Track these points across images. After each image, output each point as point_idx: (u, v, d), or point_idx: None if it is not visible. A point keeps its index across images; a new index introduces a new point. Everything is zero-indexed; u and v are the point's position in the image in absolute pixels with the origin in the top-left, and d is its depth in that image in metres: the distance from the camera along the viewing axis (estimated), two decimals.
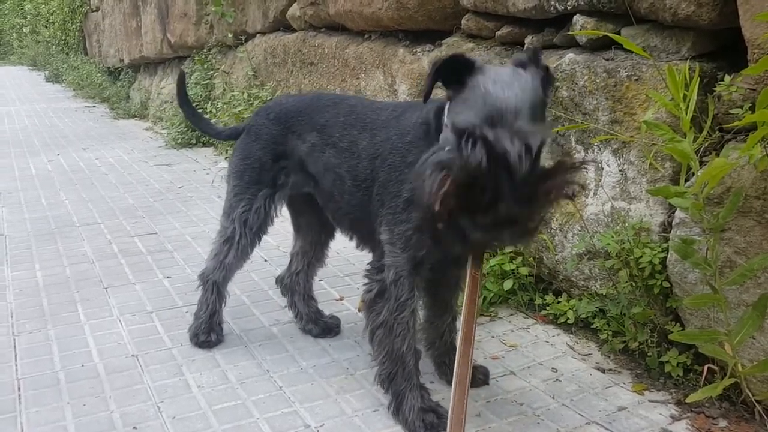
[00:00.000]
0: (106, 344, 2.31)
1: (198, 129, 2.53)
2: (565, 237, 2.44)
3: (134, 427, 1.84)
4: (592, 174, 2.33)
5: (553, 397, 1.98)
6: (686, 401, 1.87)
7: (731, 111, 1.86)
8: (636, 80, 2.15)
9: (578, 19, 2.36)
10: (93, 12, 11.41)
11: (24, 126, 7.77)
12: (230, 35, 5.72)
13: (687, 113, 1.70)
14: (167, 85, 7.84)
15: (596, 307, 2.29)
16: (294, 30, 4.88)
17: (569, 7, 2.38)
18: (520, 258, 2.58)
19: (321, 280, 2.82)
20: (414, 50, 3.49)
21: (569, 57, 2.37)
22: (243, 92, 5.28)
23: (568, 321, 2.38)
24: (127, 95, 9.43)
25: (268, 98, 4.85)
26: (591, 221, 2.34)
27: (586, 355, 2.23)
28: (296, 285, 2.40)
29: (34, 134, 7.13)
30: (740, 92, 1.83)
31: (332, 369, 2.14)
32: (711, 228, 1.73)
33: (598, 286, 2.32)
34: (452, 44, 3.07)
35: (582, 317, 2.34)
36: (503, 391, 2.00)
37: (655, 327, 2.09)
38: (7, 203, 4.24)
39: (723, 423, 1.83)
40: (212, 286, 2.25)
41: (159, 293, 2.77)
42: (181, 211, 4.01)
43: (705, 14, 1.95)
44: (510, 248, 2.51)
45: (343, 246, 2.94)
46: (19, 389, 2.03)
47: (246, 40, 5.61)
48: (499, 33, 2.80)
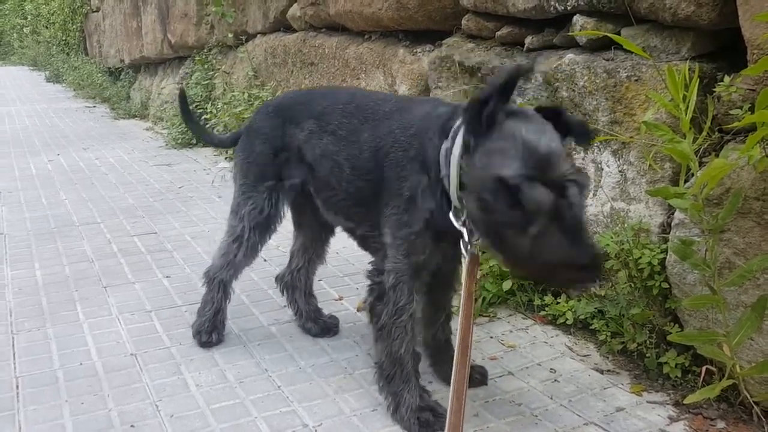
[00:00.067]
0: (105, 343, 2.32)
1: (204, 141, 2.57)
2: None
3: (132, 426, 1.83)
4: (592, 175, 2.33)
5: (552, 398, 1.98)
6: (684, 402, 1.86)
7: (731, 112, 1.86)
8: (636, 81, 2.15)
9: (578, 20, 2.36)
10: (93, 12, 11.42)
11: (24, 126, 7.78)
12: (231, 35, 5.73)
13: (686, 114, 1.69)
14: (168, 86, 7.84)
15: (595, 308, 2.29)
16: (294, 30, 4.88)
17: (569, 8, 2.39)
18: None
19: (320, 280, 2.82)
20: (414, 50, 3.49)
21: (569, 57, 2.37)
22: (243, 92, 5.28)
23: (567, 322, 2.38)
24: (128, 95, 9.43)
25: (269, 98, 4.85)
26: (590, 222, 2.34)
27: (585, 356, 2.23)
28: (297, 282, 2.39)
29: (35, 134, 7.13)
30: (740, 93, 1.83)
31: (331, 368, 2.14)
32: (710, 229, 1.73)
33: (597, 287, 2.32)
34: (452, 44, 3.07)
35: (581, 318, 2.34)
36: (501, 392, 2.00)
37: (654, 328, 2.09)
38: (7, 202, 4.24)
39: (721, 424, 1.82)
40: (219, 285, 2.25)
41: (158, 292, 2.77)
42: (181, 211, 4.01)
43: (705, 14, 1.95)
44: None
45: (343, 246, 2.95)
46: (18, 387, 2.03)
47: (246, 41, 5.62)
48: (499, 33, 2.80)
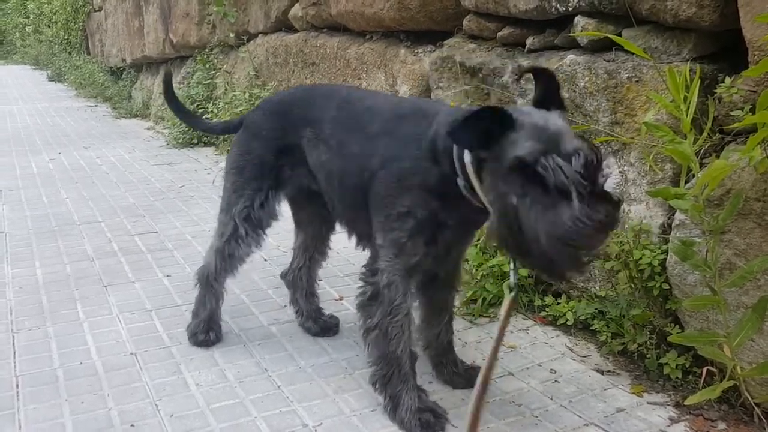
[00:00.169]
0: (105, 342, 2.32)
1: (188, 125, 2.51)
2: None
3: (132, 425, 1.83)
4: None
5: (552, 399, 1.97)
6: (685, 403, 1.86)
7: (732, 113, 1.86)
8: (637, 82, 2.15)
9: (579, 21, 2.36)
10: (96, 12, 11.43)
11: (26, 125, 7.78)
12: (232, 35, 5.73)
13: (687, 115, 1.69)
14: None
15: (595, 309, 2.29)
16: (296, 30, 4.88)
17: (570, 8, 2.38)
18: None
19: (321, 280, 2.82)
20: (415, 51, 3.49)
21: (570, 58, 2.37)
22: (245, 92, 5.29)
23: (568, 322, 2.38)
24: (129, 95, 9.44)
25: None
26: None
27: (585, 357, 2.23)
28: (298, 281, 2.38)
29: (36, 133, 7.14)
30: (741, 94, 1.83)
31: (331, 368, 2.14)
32: (711, 230, 1.73)
33: (598, 288, 2.32)
34: (454, 45, 3.07)
35: (581, 319, 2.34)
36: (502, 392, 2.00)
37: (655, 329, 2.09)
38: (8, 201, 4.24)
39: (722, 425, 1.82)
40: (211, 285, 2.24)
41: (158, 292, 2.77)
42: (182, 210, 4.01)
43: (706, 16, 1.95)
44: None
45: (343, 246, 2.94)
46: (18, 386, 2.03)
47: (248, 40, 5.62)
48: (501, 34, 2.80)
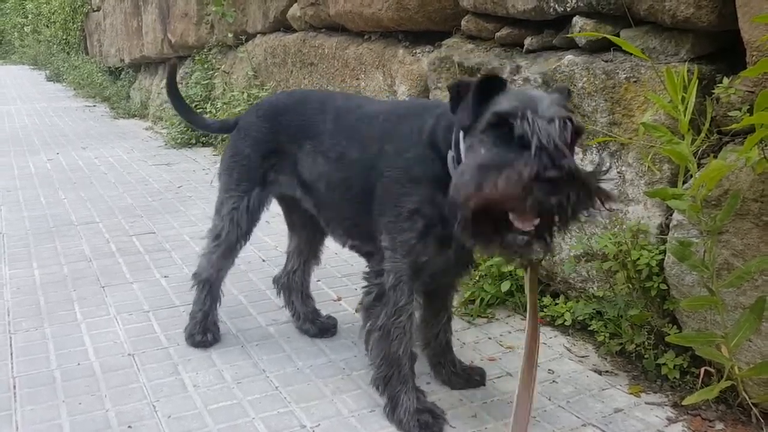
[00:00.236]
0: (103, 343, 2.31)
1: (187, 121, 2.49)
2: (563, 239, 2.43)
3: (129, 426, 1.83)
4: None
5: (550, 399, 1.97)
6: (683, 403, 1.86)
7: (730, 113, 1.86)
8: (635, 82, 2.15)
9: (577, 21, 2.36)
10: (94, 12, 11.42)
11: (24, 125, 7.77)
12: (230, 35, 5.73)
13: (685, 115, 1.69)
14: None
15: (593, 309, 2.29)
16: (294, 30, 4.88)
17: (568, 9, 2.38)
18: (518, 259, 2.57)
19: (319, 281, 2.82)
20: (414, 51, 3.49)
21: (568, 59, 2.37)
22: (243, 92, 5.28)
23: (566, 323, 2.38)
24: (128, 95, 9.43)
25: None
26: (589, 223, 2.34)
27: (583, 357, 2.23)
28: (293, 283, 2.39)
29: (34, 133, 7.13)
30: (739, 94, 1.83)
31: (329, 369, 2.14)
32: (708, 230, 1.73)
33: (596, 288, 2.32)
34: (452, 45, 3.07)
35: (579, 319, 2.34)
36: (500, 393, 2.00)
37: (652, 329, 2.09)
38: (6, 201, 4.24)
39: (719, 425, 1.82)
40: (205, 286, 2.25)
41: (156, 292, 2.76)
42: (180, 211, 4.01)
43: (704, 16, 1.95)
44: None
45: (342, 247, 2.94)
46: (15, 387, 2.02)
47: (246, 40, 5.61)
48: (499, 34, 2.79)
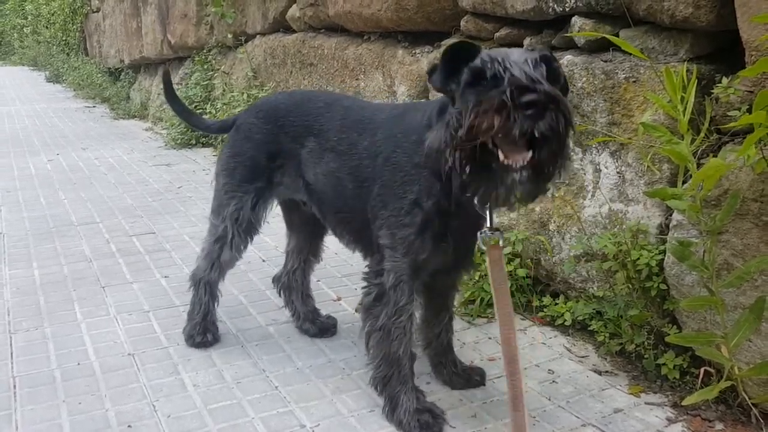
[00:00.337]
0: (103, 343, 2.31)
1: (187, 123, 2.51)
2: (563, 239, 2.44)
3: (129, 426, 1.83)
4: (590, 176, 2.33)
5: (550, 399, 1.97)
6: (683, 404, 1.86)
7: (729, 113, 1.86)
8: (634, 82, 2.15)
9: (576, 21, 2.36)
10: (94, 13, 11.43)
11: (24, 126, 7.77)
12: (230, 36, 5.73)
13: (685, 115, 1.69)
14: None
15: (593, 309, 2.29)
16: (293, 31, 4.88)
17: (568, 9, 2.38)
18: (518, 260, 2.57)
19: (319, 281, 2.82)
20: (413, 51, 3.49)
21: (567, 59, 2.37)
22: (243, 93, 5.29)
23: (566, 323, 2.38)
24: (128, 95, 9.43)
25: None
26: (588, 223, 2.34)
27: (583, 357, 2.23)
28: (293, 283, 2.39)
29: (34, 134, 7.13)
30: (738, 94, 1.83)
31: (328, 369, 2.14)
32: (708, 230, 1.73)
33: (596, 288, 2.32)
34: None
35: (579, 319, 2.34)
36: (499, 393, 2.00)
37: (652, 329, 2.09)
38: (6, 202, 4.24)
39: (719, 426, 1.82)
40: (205, 287, 2.24)
41: (156, 292, 2.76)
42: (180, 211, 4.01)
43: (703, 16, 1.95)
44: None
45: (341, 247, 2.92)
46: (15, 387, 2.02)
47: (246, 41, 5.62)
48: (498, 34, 2.80)
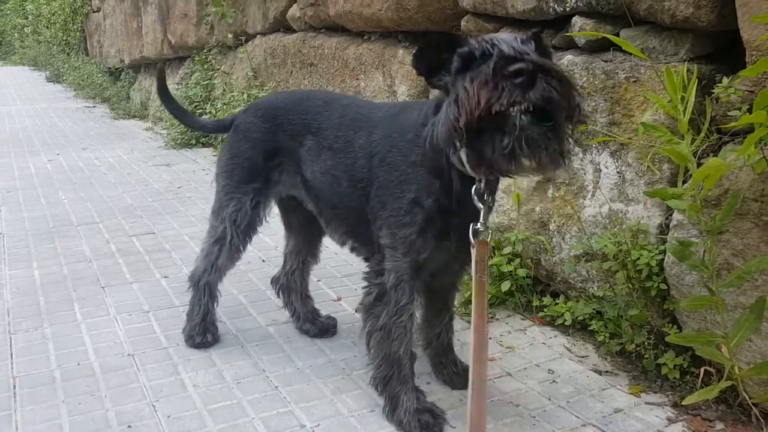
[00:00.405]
0: (102, 343, 2.31)
1: (182, 123, 2.50)
2: (563, 239, 2.44)
3: (129, 426, 1.83)
4: (590, 176, 2.33)
5: (550, 399, 1.97)
6: (683, 403, 1.86)
7: (729, 113, 1.86)
8: (634, 82, 2.15)
9: (577, 21, 2.36)
10: (94, 12, 11.43)
11: (24, 125, 7.77)
12: (230, 36, 5.73)
13: (685, 115, 1.69)
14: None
15: (593, 309, 2.29)
16: (294, 31, 4.88)
17: (568, 9, 2.38)
18: (518, 260, 2.57)
19: (319, 281, 2.82)
20: (413, 51, 3.48)
21: (568, 58, 2.37)
22: (243, 93, 5.28)
23: (566, 323, 2.38)
24: (128, 95, 9.43)
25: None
26: (588, 223, 2.34)
27: (583, 357, 2.23)
28: (293, 284, 2.39)
29: (34, 134, 7.13)
30: (738, 94, 1.83)
31: (329, 369, 2.14)
32: (708, 230, 1.73)
33: (596, 288, 2.32)
34: None
35: (579, 319, 2.34)
36: (500, 393, 2.00)
37: (652, 329, 2.09)
38: (6, 202, 4.24)
39: (720, 425, 1.82)
40: (204, 288, 2.24)
41: (156, 293, 2.76)
42: (180, 211, 4.01)
43: (703, 16, 1.95)
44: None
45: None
46: (15, 387, 2.02)
47: (246, 41, 5.61)
48: None
